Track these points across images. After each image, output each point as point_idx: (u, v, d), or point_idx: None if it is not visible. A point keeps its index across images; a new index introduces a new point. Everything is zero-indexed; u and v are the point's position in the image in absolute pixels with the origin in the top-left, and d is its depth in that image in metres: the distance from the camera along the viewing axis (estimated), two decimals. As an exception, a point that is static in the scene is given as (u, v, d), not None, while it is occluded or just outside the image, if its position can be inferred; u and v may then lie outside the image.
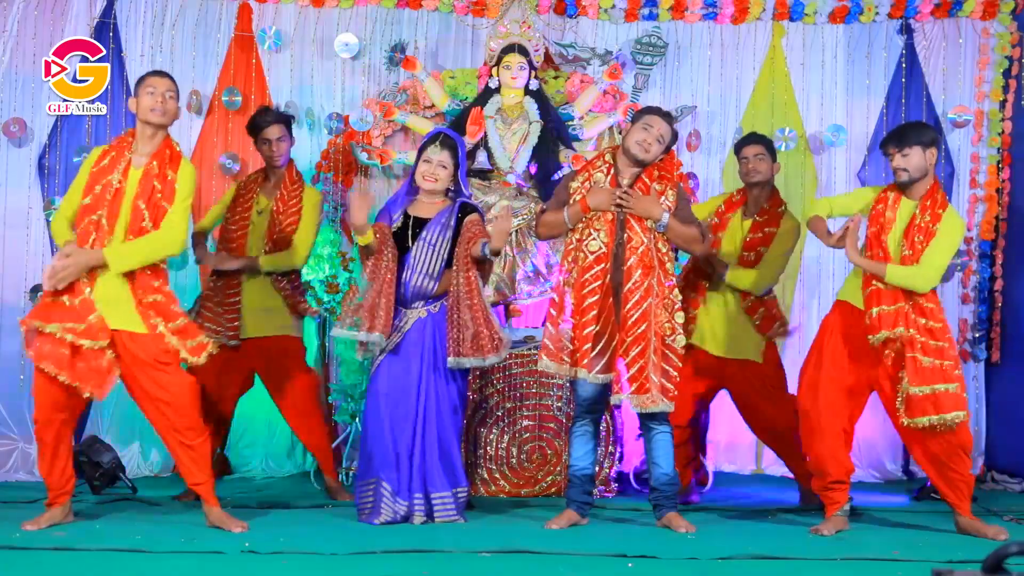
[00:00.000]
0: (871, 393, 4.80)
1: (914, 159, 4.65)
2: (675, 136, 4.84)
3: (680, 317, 4.69)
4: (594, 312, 4.59)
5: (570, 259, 4.71)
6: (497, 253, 4.75)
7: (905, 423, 4.58)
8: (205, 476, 4.55)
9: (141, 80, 4.59)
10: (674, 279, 4.72)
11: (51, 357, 4.32)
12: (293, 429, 5.73)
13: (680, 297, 4.76)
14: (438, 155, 4.86)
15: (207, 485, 4.55)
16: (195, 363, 4.50)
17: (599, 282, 4.61)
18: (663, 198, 4.68)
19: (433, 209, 4.89)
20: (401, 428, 4.75)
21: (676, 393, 4.64)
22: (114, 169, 4.47)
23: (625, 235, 4.64)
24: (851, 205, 4.87)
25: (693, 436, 5.66)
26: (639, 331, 4.57)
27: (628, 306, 4.58)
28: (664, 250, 4.69)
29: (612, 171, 4.74)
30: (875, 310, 4.59)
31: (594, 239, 4.65)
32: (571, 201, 4.72)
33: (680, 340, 4.67)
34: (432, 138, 4.92)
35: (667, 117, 4.78)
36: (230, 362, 5.40)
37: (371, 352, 4.85)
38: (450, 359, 4.76)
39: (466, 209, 4.92)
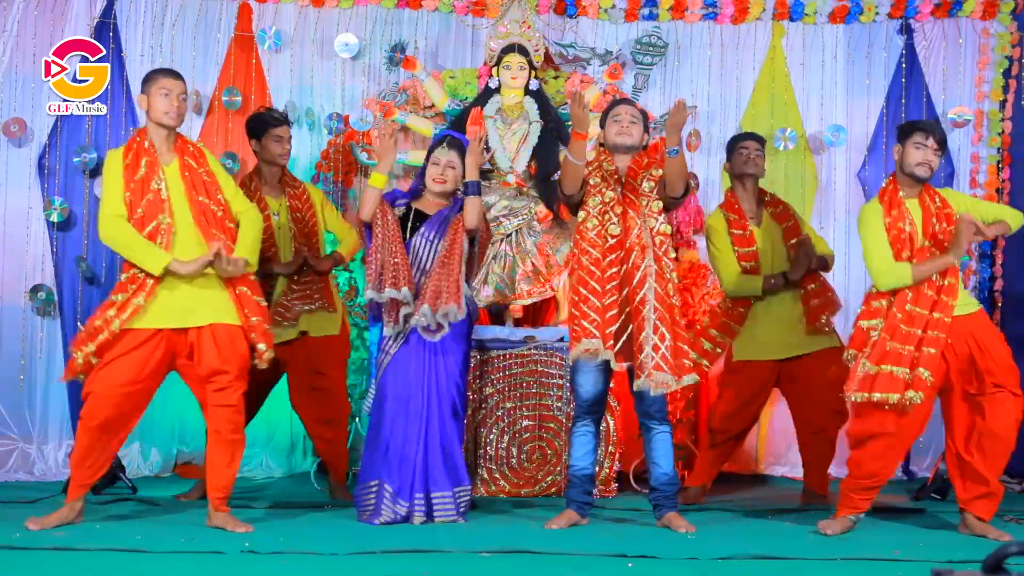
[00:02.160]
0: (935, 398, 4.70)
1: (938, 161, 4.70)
2: (645, 113, 4.92)
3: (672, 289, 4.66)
4: (615, 297, 4.59)
5: (585, 244, 4.67)
6: (472, 188, 4.82)
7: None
8: (226, 483, 4.51)
9: (153, 79, 4.55)
10: (671, 261, 4.69)
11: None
12: (314, 434, 5.62)
13: (675, 277, 4.74)
14: (446, 156, 4.91)
15: (225, 493, 4.51)
16: (259, 365, 4.52)
17: (616, 269, 4.61)
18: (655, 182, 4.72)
19: (435, 207, 4.92)
20: (407, 429, 4.76)
21: (692, 365, 4.63)
22: (153, 174, 4.47)
23: (626, 224, 4.64)
24: (885, 238, 4.62)
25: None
26: (646, 312, 4.53)
27: (634, 283, 4.56)
28: (654, 227, 4.65)
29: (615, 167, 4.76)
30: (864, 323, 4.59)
31: (614, 223, 4.65)
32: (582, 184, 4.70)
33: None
34: (439, 140, 4.98)
35: (625, 101, 4.92)
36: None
37: (406, 312, 4.74)
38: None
39: None
